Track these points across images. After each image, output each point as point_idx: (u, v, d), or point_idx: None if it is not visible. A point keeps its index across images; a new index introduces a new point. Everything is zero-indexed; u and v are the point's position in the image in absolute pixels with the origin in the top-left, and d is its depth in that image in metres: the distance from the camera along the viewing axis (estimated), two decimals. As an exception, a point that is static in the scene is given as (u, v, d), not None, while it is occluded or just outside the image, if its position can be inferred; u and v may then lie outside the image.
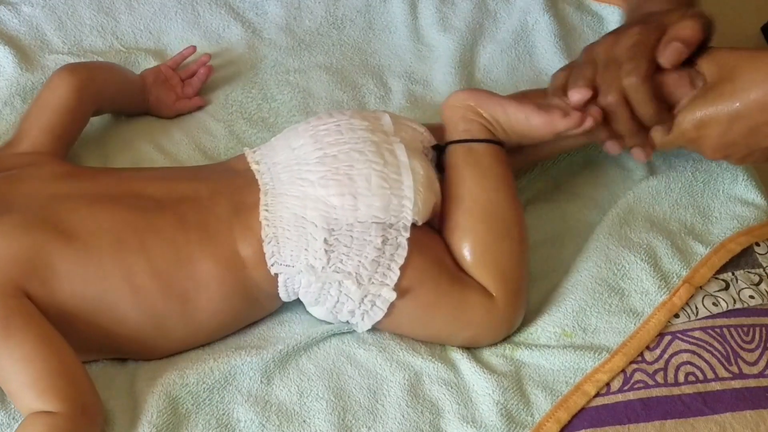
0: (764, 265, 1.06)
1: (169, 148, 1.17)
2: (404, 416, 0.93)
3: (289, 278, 0.96)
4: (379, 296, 0.95)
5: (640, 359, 0.98)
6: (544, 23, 1.31)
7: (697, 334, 1.00)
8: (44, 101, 1.08)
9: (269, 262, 0.95)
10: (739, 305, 1.02)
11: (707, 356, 0.98)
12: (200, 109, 1.21)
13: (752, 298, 1.03)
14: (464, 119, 1.03)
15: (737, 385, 0.96)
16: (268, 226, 0.95)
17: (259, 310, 1.01)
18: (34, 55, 1.24)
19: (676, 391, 0.96)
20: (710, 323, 1.00)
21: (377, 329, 0.99)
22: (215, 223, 0.96)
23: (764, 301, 1.03)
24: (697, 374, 0.97)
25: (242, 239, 0.96)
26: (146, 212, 0.96)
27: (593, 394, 0.95)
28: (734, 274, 1.05)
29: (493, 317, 0.98)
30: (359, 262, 0.94)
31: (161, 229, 0.95)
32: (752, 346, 1.00)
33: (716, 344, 0.99)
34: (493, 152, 1.02)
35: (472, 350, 0.99)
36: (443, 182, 1.02)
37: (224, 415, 0.93)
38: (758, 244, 1.08)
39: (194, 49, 1.23)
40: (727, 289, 1.03)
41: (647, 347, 0.98)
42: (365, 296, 0.94)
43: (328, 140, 0.98)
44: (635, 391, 0.95)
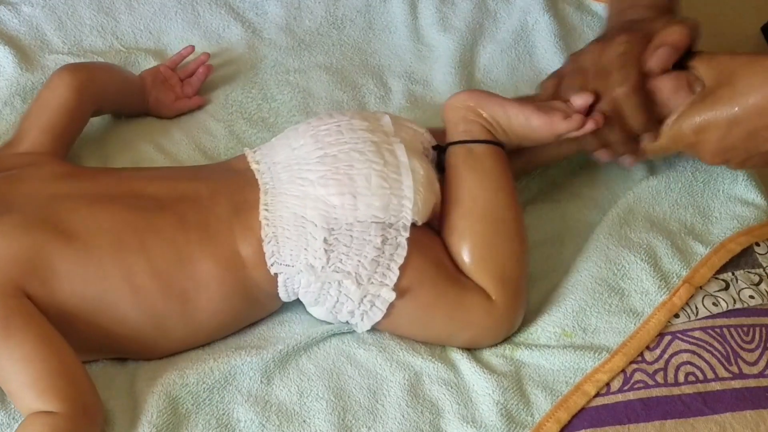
0: (764, 265, 1.06)
1: (169, 148, 1.17)
2: (404, 416, 0.93)
3: (288, 278, 0.96)
4: (378, 296, 0.95)
5: (640, 359, 0.98)
6: (544, 23, 1.31)
7: (697, 334, 1.00)
8: (44, 101, 1.08)
9: (269, 261, 0.95)
10: (739, 305, 1.02)
11: (707, 356, 0.98)
12: (200, 108, 1.21)
13: (752, 298, 1.03)
14: (465, 120, 1.03)
15: (737, 385, 0.96)
16: (267, 225, 0.95)
17: (259, 310, 1.01)
18: (34, 55, 1.24)
19: (676, 391, 0.96)
20: (710, 323, 1.01)
21: (377, 330, 0.99)
22: (215, 222, 0.96)
23: (764, 301, 1.03)
24: (697, 374, 0.97)
25: (242, 239, 0.96)
26: (146, 212, 0.96)
27: (593, 394, 0.95)
28: (734, 274, 1.05)
29: (492, 318, 0.98)
30: (359, 261, 0.94)
31: (161, 229, 0.95)
32: (752, 346, 1.00)
33: (716, 344, 0.99)
34: (493, 153, 1.02)
35: (472, 350, 0.99)
36: (443, 183, 1.02)
37: (224, 415, 0.93)
38: (758, 244, 1.08)
39: (193, 48, 1.23)
40: (727, 289, 1.03)
41: (647, 347, 0.98)
42: (364, 296, 0.94)
43: (328, 140, 0.98)
44: (635, 391, 0.95)
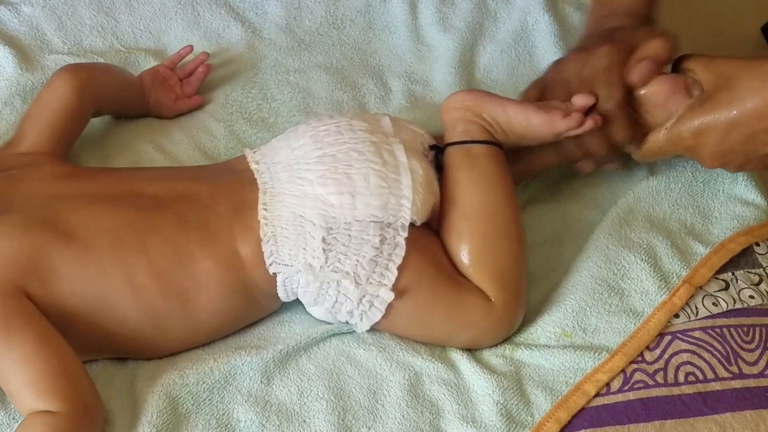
0: (764, 265, 1.06)
1: (169, 148, 1.17)
2: (404, 416, 0.93)
3: (287, 278, 0.96)
4: (377, 297, 0.95)
5: (640, 359, 0.97)
6: (544, 23, 1.31)
7: (697, 334, 1.00)
8: (44, 101, 1.08)
9: (268, 261, 0.95)
10: (739, 305, 1.02)
11: (707, 356, 0.98)
12: (200, 107, 1.21)
13: (752, 298, 1.03)
14: (463, 120, 1.03)
15: (737, 385, 0.96)
16: (266, 225, 0.95)
17: (258, 310, 1.00)
18: (34, 55, 1.24)
19: (676, 391, 0.95)
20: (710, 323, 1.00)
21: (377, 330, 0.99)
22: (215, 222, 0.96)
23: (764, 301, 1.03)
24: (697, 374, 0.97)
25: (242, 239, 0.96)
26: (146, 212, 0.96)
27: (593, 394, 0.95)
28: (734, 274, 1.05)
29: (491, 319, 0.98)
30: (357, 261, 0.94)
31: (161, 228, 0.95)
32: (752, 346, 1.00)
33: (716, 344, 0.99)
34: (491, 153, 1.02)
35: (471, 350, 0.99)
36: (441, 183, 1.02)
37: (224, 415, 0.93)
38: (758, 244, 1.08)
39: (191, 48, 1.23)
40: (727, 289, 1.03)
41: (647, 347, 0.98)
42: (363, 296, 0.94)
43: (327, 140, 0.98)
44: (635, 391, 0.95)
